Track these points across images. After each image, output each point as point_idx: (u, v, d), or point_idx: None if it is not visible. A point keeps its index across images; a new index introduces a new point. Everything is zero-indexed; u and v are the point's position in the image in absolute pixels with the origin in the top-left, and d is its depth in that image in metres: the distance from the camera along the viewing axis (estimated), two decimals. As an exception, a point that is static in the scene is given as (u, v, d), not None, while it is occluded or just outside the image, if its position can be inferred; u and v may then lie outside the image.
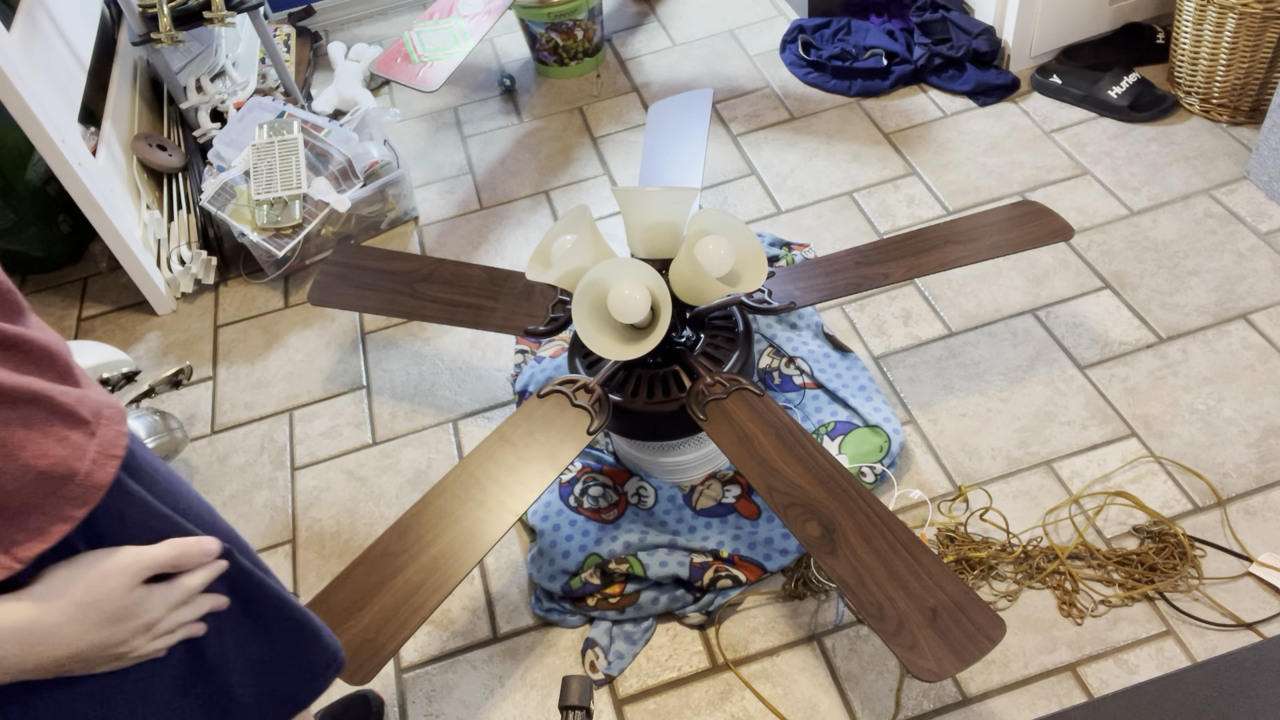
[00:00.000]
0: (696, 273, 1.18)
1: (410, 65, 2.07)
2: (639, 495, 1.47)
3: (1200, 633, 1.25)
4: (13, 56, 1.58)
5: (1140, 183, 1.85)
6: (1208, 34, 1.85)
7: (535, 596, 1.40)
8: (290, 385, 1.79)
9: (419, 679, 1.36)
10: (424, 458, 1.63)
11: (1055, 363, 1.59)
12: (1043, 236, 1.45)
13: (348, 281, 1.56)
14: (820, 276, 1.44)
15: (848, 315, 1.73)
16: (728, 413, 1.23)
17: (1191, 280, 1.67)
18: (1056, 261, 1.74)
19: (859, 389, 1.56)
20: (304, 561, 1.52)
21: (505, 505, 1.17)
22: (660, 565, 1.36)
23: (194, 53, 2.25)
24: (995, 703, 1.22)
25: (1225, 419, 1.47)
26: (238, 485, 1.64)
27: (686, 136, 1.70)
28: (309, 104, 2.34)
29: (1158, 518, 1.36)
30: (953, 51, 2.13)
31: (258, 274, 2.01)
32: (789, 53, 2.31)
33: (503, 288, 1.49)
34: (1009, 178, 1.92)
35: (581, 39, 2.34)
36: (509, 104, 2.37)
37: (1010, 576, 1.33)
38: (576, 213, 1.23)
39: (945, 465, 1.48)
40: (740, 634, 1.34)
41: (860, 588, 1.05)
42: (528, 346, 1.75)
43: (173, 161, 2.10)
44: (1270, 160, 1.74)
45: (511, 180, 2.15)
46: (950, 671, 1.00)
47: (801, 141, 2.09)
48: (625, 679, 1.32)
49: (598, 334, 1.20)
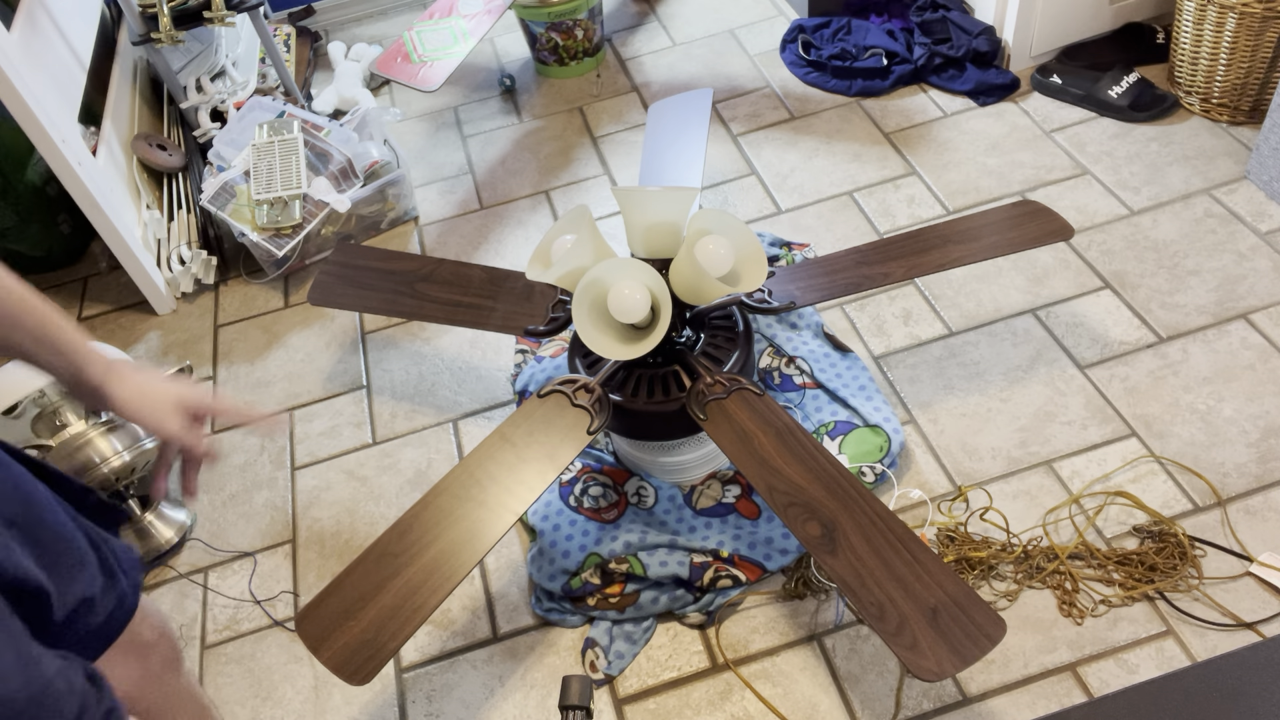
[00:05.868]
0: (696, 272, 1.18)
1: (410, 65, 2.07)
2: (639, 495, 1.47)
3: (1200, 633, 1.25)
4: (13, 56, 1.58)
5: (1140, 182, 1.85)
6: (1208, 34, 1.85)
7: (535, 596, 1.40)
8: (290, 385, 1.79)
9: (419, 679, 1.36)
10: (424, 458, 1.63)
11: (1055, 362, 1.59)
12: (1043, 236, 1.45)
13: (348, 281, 1.56)
14: (820, 276, 1.44)
15: (848, 315, 1.73)
16: (728, 412, 1.23)
17: (1191, 280, 1.67)
18: (1056, 261, 1.74)
19: (859, 389, 1.56)
20: (304, 561, 1.52)
21: (505, 505, 1.17)
22: (660, 565, 1.36)
23: (194, 52, 2.25)
24: (995, 702, 1.22)
25: (1225, 419, 1.47)
26: (238, 485, 1.64)
27: (686, 136, 1.70)
28: (309, 104, 2.34)
29: (1158, 517, 1.36)
30: (953, 51, 2.13)
31: (258, 274, 2.01)
32: (789, 52, 2.31)
33: (503, 288, 1.49)
34: (1009, 177, 1.92)
35: (581, 39, 2.34)
36: (509, 104, 2.37)
37: (1010, 576, 1.33)
38: (576, 212, 1.23)
39: (945, 465, 1.48)
40: (740, 634, 1.34)
41: (860, 587, 1.05)
42: (528, 346, 1.75)
43: (173, 161, 2.10)
44: (1270, 160, 1.74)
45: (511, 180, 2.15)
46: (951, 671, 1.00)
47: (801, 141, 2.09)
48: (625, 679, 1.32)
49: (598, 334, 1.20)
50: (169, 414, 0.90)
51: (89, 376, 0.87)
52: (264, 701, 1.37)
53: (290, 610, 1.46)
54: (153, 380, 0.90)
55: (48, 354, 0.83)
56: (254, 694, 1.37)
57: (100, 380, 0.87)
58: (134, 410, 0.89)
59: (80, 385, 0.87)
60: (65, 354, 0.84)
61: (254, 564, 1.53)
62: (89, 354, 0.87)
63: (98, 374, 0.87)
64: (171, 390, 0.91)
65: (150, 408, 0.89)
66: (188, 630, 1.46)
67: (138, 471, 1.52)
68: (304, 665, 1.40)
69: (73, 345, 0.85)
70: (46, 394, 1.49)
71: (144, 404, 0.89)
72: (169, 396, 0.90)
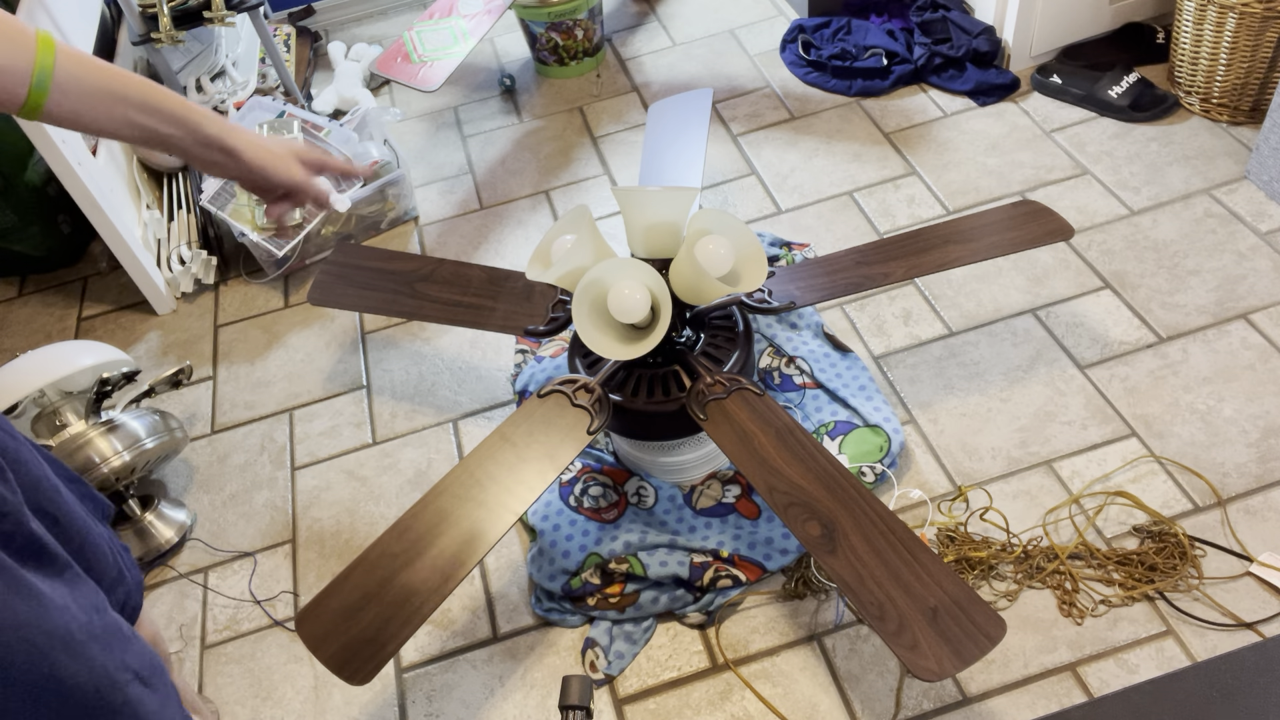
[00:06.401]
0: (696, 272, 1.18)
1: (410, 65, 2.07)
2: (639, 495, 1.47)
3: (1200, 633, 1.25)
4: (13, 56, 1.58)
5: (1140, 182, 1.85)
6: (1208, 34, 1.85)
7: (535, 596, 1.40)
8: (290, 385, 1.79)
9: (419, 679, 1.36)
10: (424, 458, 1.63)
11: (1055, 362, 1.59)
12: (1043, 236, 1.45)
13: (348, 281, 1.56)
14: (820, 276, 1.44)
15: (848, 315, 1.73)
16: (728, 412, 1.23)
17: (1191, 280, 1.67)
18: (1056, 261, 1.74)
19: (859, 389, 1.56)
20: (304, 561, 1.52)
21: (505, 505, 1.17)
22: (660, 565, 1.36)
23: (194, 52, 2.25)
24: (995, 702, 1.22)
25: (1225, 419, 1.47)
26: (238, 485, 1.64)
27: (686, 136, 1.70)
28: (309, 104, 2.34)
29: (1158, 517, 1.36)
30: (953, 51, 2.13)
31: (258, 274, 2.01)
32: (789, 52, 2.31)
33: (503, 288, 1.49)
34: (1009, 177, 1.92)
35: (581, 39, 2.34)
36: (509, 104, 2.37)
37: (1010, 576, 1.33)
38: (576, 212, 1.23)
39: (945, 465, 1.48)
40: (740, 634, 1.34)
41: (860, 587, 1.05)
42: (528, 346, 1.75)
43: (173, 161, 2.10)
44: (1270, 160, 1.74)
45: (511, 180, 2.15)
46: (951, 671, 1.00)
47: (801, 141, 2.09)
48: (625, 679, 1.32)
49: (598, 334, 1.20)
50: (291, 161, 0.97)
51: (209, 130, 0.89)
52: (264, 701, 1.37)
53: (290, 610, 1.46)
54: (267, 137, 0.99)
55: (158, 121, 0.85)
56: (254, 694, 1.37)
57: (221, 132, 0.90)
58: (261, 158, 0.93)
59: (203, 141, 0.88)
60: (178, 115, 0.86)
61: (254, 564, 1.53)
62: (202, 111, 0.89)
63: (217, 128, 0.90)
64: (287, 142, 0.98)
65: (274, 156, 0.95)
66: (188, 630, 1.46)
67: (138, 471, 1.52)
68: (304, 665, 1.40)
69: (183, 105, 0.87)
70: (46, 394, 1.49)
71: (268, 153, 0.94)
72: (287, 147, 0.98)
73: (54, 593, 0.76)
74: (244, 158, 0.91)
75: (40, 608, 0.74)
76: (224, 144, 0.90)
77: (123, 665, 0.80)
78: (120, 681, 0.78)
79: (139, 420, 1.53)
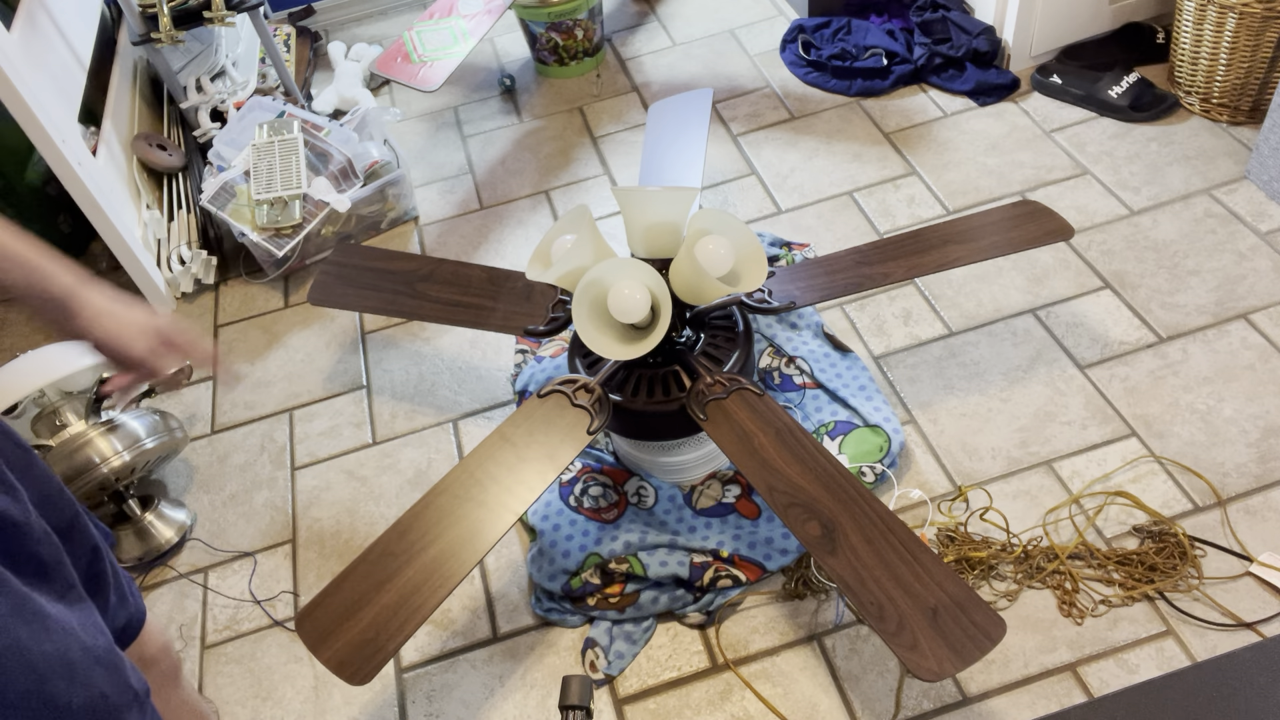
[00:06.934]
0: (696, 272, 1.18)
1: (410, 65, 2.07)
2: (639, 495, 1.47)
3: (1200, 633, 1.25)
4: (13, 56, 1.58)
5: (1140, 182, 1.85)
6: (1208, 34, 1.85)
7: (535, 596, 1.40)
8: (290, 385, 1.79)
9: (419, 679, 1.36)
10: (424, 457, 1.63)
11: (1055, 362, 1.59)
12: (1043, 236, 1.45)
13: (348, 281, 1.56)
14: (820, 276, 1.44)
15: (848, 315, 1.73)
16: (728, 412, 1.23)
17: (1191, 280, 1.67)
18: (1056, 261, 1.74)
19: (859, 389, 1.56)
20: (304, 561, 1.52)
21: (505, 505, 1.17)
22: (660, 565, 1.36)
23: (194, 52, 2.25)
24: (995, 702, 1.22)
25: (1225, 419, 1.47)
26: (238, 485, 1.64)
27: (686, 136, 1.70)
28: (309, 104, 2.34)
29: (1158, 517, 1.36)
30: (953, 51, 2.13)
31: (258, 274, 2.01)
32: (789, 52, 2.31)
33: (503, 288, 1.49)
34: (1009, 177, 1.92)
35: (581, 39, 2.34)
36: (509, 104, 2.37)
37: (1010, 576, 1.33)
38: (576, 212, 1.23)
39: (945, 465, 1.48)
40: (740, 634, 1.34)
41: (860, 587, 1.05)
42: (528, 346, 1.75)
43: (173, 161, 2.10)
44: (1270, 160, 1.74)
45: (511, 180, 2.15)
46: (951, 671, 1.00)
47: (801, 141, 2.09)
48: (625, 679, 1.32)
49: (598, 334, 1.20)
50: (145, 337, 0.86)
51: (54, 286, 0.79)
52: (264, 701, 1.37)
53: (290, 610, 1.46)
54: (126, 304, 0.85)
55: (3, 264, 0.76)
56: (254, 694, 1.37)
57: (68, 291, 0.80)
58: (108, 329, 0.83)
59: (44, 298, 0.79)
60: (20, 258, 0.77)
61: (254, 564, 1.53)
62: (60, 266, 0.80)
63: (65, 285, 0.80)
64: (142, 315, 0.86)
65: (124, 328, 0.84)
66: (188, 630, 1.46)
67: (138, 471, 1.52)
68: (304, 665, 1.40)
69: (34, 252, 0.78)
70: (46, 394, 1.49)
71: (117, 324, 0.83)
72: (150, 321, 0.86)
73: (59, 614, 0.76)
74: (84, 321, 0.81)
75: (43, 630, 0.72)
76: (67, 304, 0.80)
77: (125, 687, 0.79)
78: (120, 705, 0.78)
79: (139, 420, 1.53)
